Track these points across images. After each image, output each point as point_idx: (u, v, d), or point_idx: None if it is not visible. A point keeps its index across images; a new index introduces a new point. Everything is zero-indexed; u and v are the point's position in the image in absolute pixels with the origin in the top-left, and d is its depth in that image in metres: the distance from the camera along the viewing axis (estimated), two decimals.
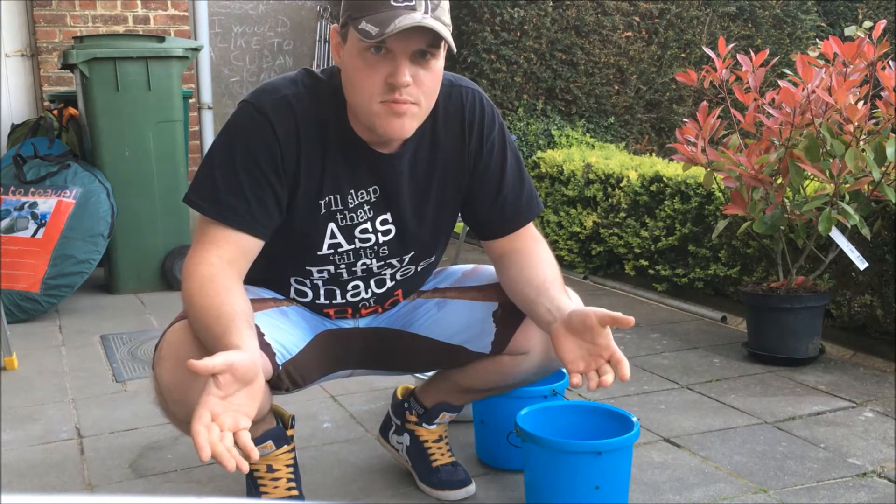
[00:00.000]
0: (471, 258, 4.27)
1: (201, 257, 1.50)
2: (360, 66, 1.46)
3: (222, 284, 1.46)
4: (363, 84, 1.47)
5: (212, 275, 1.47)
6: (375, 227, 1.67)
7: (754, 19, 5.95)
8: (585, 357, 1.47)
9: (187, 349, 1.49)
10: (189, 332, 1.51)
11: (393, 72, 1.44)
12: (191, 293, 1.46)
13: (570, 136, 5.19)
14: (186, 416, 1.54)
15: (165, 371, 1.52)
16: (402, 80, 1.44)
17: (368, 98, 1.47)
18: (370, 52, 1.44)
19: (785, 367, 2.76)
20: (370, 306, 1.78)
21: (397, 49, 1.44)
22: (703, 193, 3.43)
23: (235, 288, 1.48)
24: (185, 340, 1.51)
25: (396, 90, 1.45)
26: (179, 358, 1.50)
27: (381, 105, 1.47)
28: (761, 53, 2.83)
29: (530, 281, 1.64)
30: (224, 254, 1.51)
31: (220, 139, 1.57)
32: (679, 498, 1.88)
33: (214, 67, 5.67)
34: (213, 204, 1.53)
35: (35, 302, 3.56)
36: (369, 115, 1.49)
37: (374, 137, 1.58)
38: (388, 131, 1.50)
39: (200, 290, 1.45)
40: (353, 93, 1.50)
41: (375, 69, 1.45)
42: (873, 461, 2.05)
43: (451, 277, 1.86)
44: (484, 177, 1.70)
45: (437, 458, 1.92)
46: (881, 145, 2.56)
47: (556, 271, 1.67)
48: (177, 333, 1.54)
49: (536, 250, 1.71)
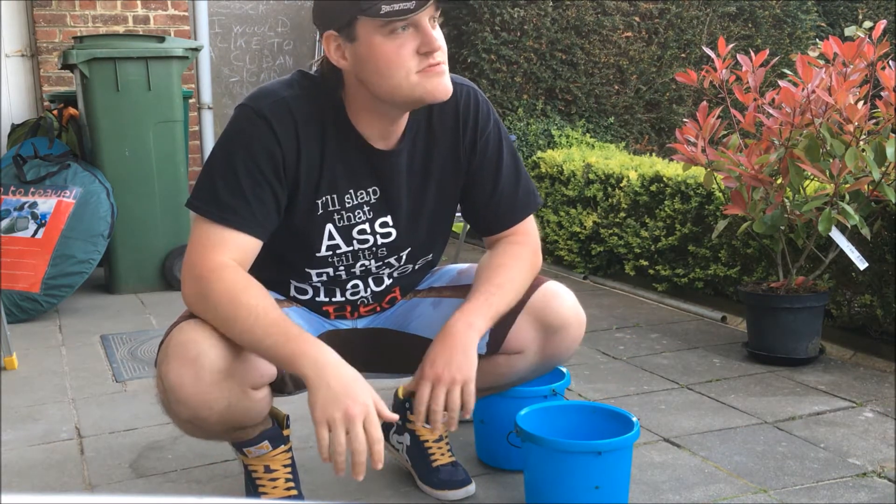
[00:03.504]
0: (471, 258, 4.27)
1: (218, 261, 1.51)
2: (392, 48, 1.47)
3: (257, 286, 1.50)
4: (399, 63, 1.48)
5: (244, 276, 1.50)
6: (374, 229, 1.67)
7: (754, 19, 5.95)
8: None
9: (196, 350, 1.50)
10: (199, 333, 1.51)
11: (425, 40, 1.47)
12: (233, 294, 1.48)
13: (570, 136, 5.19)
14: (189, 415, 1.55)
15: (171, 371, 1.52)
16: (437, 44, 1.48)
17: (406, 74, 1.49)
18: (397, 33, 1.46)
19: (785, 367, 2.76)
20: (369, 303, 1.78)
21: (420, 19, 1.47)
22: (703, 193, 3.43)
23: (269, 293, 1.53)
24: (194, 341, 1.51)
25: (432, 55, 1.48)
26: (188, 359, 1.50)
27: (419, 75, 1.49)
28: (761, 53, 2.83)
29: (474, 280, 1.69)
30: (234, 256, 1.52)
31: (220, 144, 1.57)
32: (679, 498, 1.88)
33: (214, 67, 5.67)
34: (213, 206, 1.53)
35: (35, 302, 3.56)
36: (411, 90, 1.50)
37: (380, 130, 1.59)
38: (437, 94, 1.52)
39: (245, 291, 1.48)
40: (387, 77, 1.50)
41: (406, 45, 1.47)
42: (873, 461, 2.05)
43: (447, 276, 1.87)
44: (479, 173, 1.71)
45: (438, 458, 1.92)
46: (881, 145, 2.56)
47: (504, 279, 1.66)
48: (185, 333, 1.53)
49: (505, 252, 1.72)
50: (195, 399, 1.51)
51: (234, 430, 1.65)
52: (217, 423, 1.57)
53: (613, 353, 2.97)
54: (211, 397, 1.52)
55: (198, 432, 1.64)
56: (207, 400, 1.52)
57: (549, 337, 1.74)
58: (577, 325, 1.76)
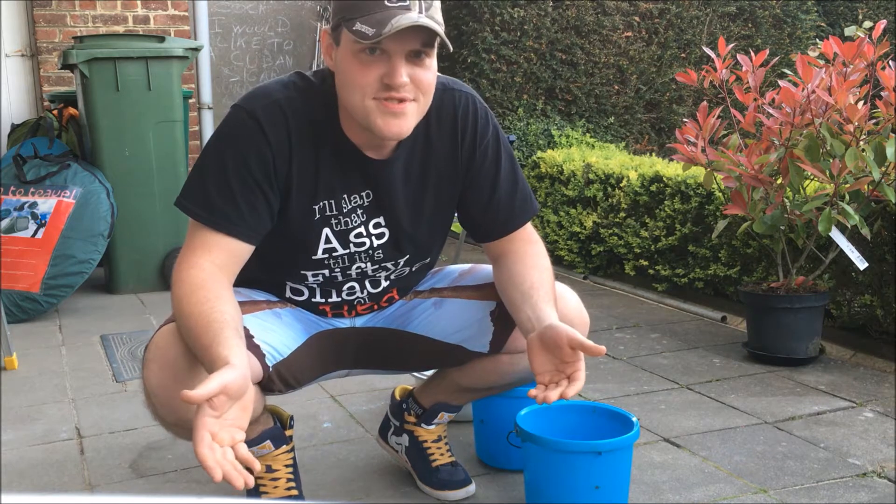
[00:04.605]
0: (471, 258, 4.27)
1: (192, 262, 1.49)
2: (356, 67, 1.45)
3: (212, 291, 1.45)
4: (357, 83, 1.45)
5: (202, 280, 1.46)
6: (369, 231, 1.66)
7: (754, 19, 5.95)
8: (552, 371, 1.50)
9: (174, 353, 1.49)
10: (176, 336, 1.50)
11: (389, 72, 1.43)
12: (180, 299, 1.45)
13: (570, 136, 5.19)
14: (174, 419, 1.54)
15: (152, 374, 1.52)
16: (399, 81, 1.43)
17: (362, 95, 1.45)
18: (365, 54, 1.43)
19: (785, 367, 2.76)
20: (365, 303, 1.78)
21: (393, 49, 1.43)
22: (703, 193, 3.43)
23: (225, 294, 1.47)
24: (173, 344, 1.50)
25: (393, 89, 1.44)
26: (166, 361, 1.50)
27: (376, 103, 1.45)
28: (761, 53, 2.83)
29: (518, 285, 1.64)
30: (216, 259, 1.50)
31: (211, 144, 1.56)
32: (679, 498, 1.88)
33: (214, 67, 5.67)
34: (205, 210, 1.52)
35: (35, 302, 3.56)
36: (365, 113, 1.47)
37: (368, 141, 1.56)
38: (386, 132, 1.48)
39: (190, 296, 1.44)
40: (348, 93, 1.48)
41: (370, 69, 1.44)
42: (873, 461, 2.05)
43: (448, 277, 1.86)
44: (477, 181, 1.69)
45: (437, 459, 1.92)
46: (881, 145, 2.56)
47: (546, 276, 1.65)
48: (164, 337, 1.53)
49: (530, 253, 1.70)
50: (176, 402, 1.49)
51: None
52: None
53: (613, 353, 2.97)
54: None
55: (188, 434, 1.63)
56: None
57: None
58: (581, 326, 1.74)
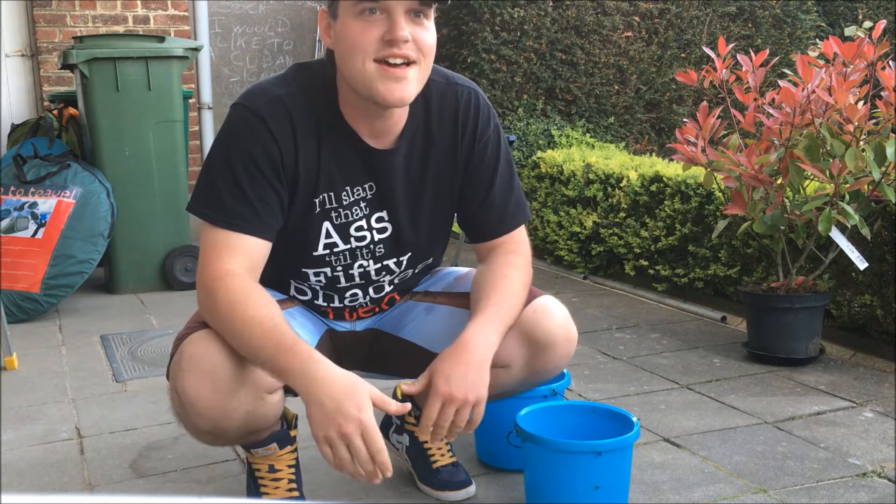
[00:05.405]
0: (471, 259, 4.27)
1: (223, 268, 1.49)
2: (356, 28, 1.44)
3: (262, 294, 1.48)
4: (359, 45, 1.44)
5: (248, 285, 1.48)
6: (371, 225, 1.66)
7: (754, 19, 5.95)
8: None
9: (215, 362, 1.49)
10: (215, 345, 1.50)
11: (390, 28, 1.42)
12: (233, 306, 1.45)
13: (570, 136, 5.19)
14: (210, 426, 1.54)
15: (189, 385, 1.51)
16: (401, 34, 1.42)
17: (363, 57, 1.44)
18: (365, 14, 1.43)
19: (785, 367, 2.76)
20: (367, 306, 1.78)
21: (392, 7, 1.42)
22: (703, 193, 3.43)
23: (269, 296, 1.50)
24: (212, 352, 1.50)
25: (395, 45, 1.43)
26: (206, 371, 1.50)
27: (377, 67, 1.44)
28: (761, 53, 2.83)
29: (474, 293, 1.66)
30: (243, 262, 1.51)
31: (217, 145, 1.56)
32: (679, 498, 1.88)
33: (214, 67, 5.67)
34: (219, 212, 1.52)
35: (35, 302, 3.56)
36: (365, 78, 1.46)
37: (370, 128, 1.56)
38: (389, 97, 1.46)
39: (246, 300, 1.46)
40: (349, 59, 1.47)
41: (371, 28, 1.43)
42: (873, 461, 2.05)
43: (443, 281, 1.85)
44: (475, 177, 1.68)
45: (438, 459, 1.91)
46: (881, 145, 2.56)
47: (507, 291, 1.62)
48: (198, 346, 1.52)
49: (508, 263, 1.68)
50: (215, 411, 1.51)
51: (249, 435, 1.64)
52: (236, 430, 1.57)
53: (613, 353, 2.97)
54: (230, 407, 1.52)
55: (217, 441, 1.64)
56: (227, 410, 1.52)
57: (536, 354, 1.70)
58: (566, 343, 1.71)
